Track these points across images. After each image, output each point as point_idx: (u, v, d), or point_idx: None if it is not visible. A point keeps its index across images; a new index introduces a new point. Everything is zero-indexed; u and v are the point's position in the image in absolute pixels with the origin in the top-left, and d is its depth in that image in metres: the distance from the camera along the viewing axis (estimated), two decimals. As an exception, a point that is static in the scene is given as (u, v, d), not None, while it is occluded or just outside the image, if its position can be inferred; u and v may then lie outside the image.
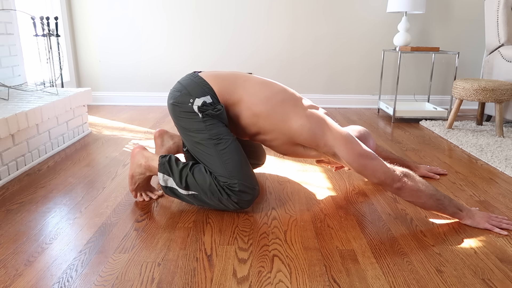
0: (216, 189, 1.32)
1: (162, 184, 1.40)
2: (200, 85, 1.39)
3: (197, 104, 1.36)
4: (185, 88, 1.40)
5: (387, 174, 1.28)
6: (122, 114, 3.02)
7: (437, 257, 1.14)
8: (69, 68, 3.21)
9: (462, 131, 2.55)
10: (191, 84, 1.40)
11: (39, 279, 1.02)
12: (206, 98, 1.37)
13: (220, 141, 1.35)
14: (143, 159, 1.44)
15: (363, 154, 1.31)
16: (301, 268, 1.08)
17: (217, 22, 3.21)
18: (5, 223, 1.31)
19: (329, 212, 1.41)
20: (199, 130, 1.36)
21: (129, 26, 3.22)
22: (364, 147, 1.33)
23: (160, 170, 1.39)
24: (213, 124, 1.36)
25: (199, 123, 1.36)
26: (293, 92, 1.45)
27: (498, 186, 1.67)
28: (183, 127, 1.40)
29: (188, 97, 1.38)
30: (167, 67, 3.31)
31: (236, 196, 1.32)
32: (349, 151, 1.32)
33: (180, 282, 1.01)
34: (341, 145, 1.33)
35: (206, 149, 1.36)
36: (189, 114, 1.37)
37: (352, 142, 1.33)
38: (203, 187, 1.33)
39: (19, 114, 1.72)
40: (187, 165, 1.38)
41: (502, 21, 2.62)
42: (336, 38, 3.24)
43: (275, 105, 1.38)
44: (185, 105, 1.37)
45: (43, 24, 2.55)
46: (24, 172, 1.78)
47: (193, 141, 1.39)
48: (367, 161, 1.30)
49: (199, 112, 1.36)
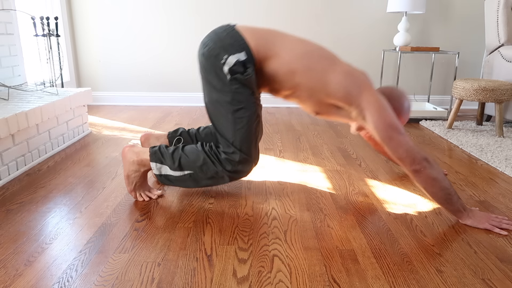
0: (210, 161, 1.34)
1: (156, 173, 1.42)
2: (236, 40, 1.34)
3: (229, 63, 1.31)
4: (220, 41, 1.34)
5: (409, 153, 1.26)
6: (122, 114, 3.02)
7: (437, 257, 1.13)
8: (69, 68, 3.21)
9: (462, 131, 2.55)
10: (227, 38, 1.34)
11: (39, 279, 1.02)
12: (240, 55, 1.32)
13: (240, 109, 1.34)
14: (135, 155, 1.44)
15: (392, 125, 1.28)
16: (301, 268, 1.08)
17: (217, 22, 3.21)
18: (5, 223, 1.31)
19: (329, 212, 1.41)
20: (223, 91, 1.34)
21: (129, 26, 3.22)
22: (396, 120, 1.30)
23: (152, 159, 1.41)
24: (239, 89, 1.34)
25: (225, 84, 1.33)
26: (330, 51, 1.42)
27: (498, 186, 1.66)
28: (208, 81, 1.37)
29: (222, 53, 1.32)
30: (167, 67, 3.31)
31: (232, 166, 1.35)
32: (380, 118, 1.29)
33: (180, 282, 1.01)
34: (374, 110, 1.30)
35: (223, 111, 1.34)
36: (218, 71, 1.34)
37: (385, 110, 1.30)
38: (197, 162, 1.35)
39: (19, 114, 1.72)
40: (178, 148, 1.41)
41: (502, 21, 2.62)
42: (336, 38, 3.24)
43: (313, 61, 1.35)
44: (217, 61, 1.33)
45: (43, 24, 2.55)
46: (24, 172, 1.78)
47: (214, 99, 1.36)
48: (394, 133, 1.28)
49: (229, 73, 1.32)
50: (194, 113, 3.09)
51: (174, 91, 3.37)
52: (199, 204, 1.46)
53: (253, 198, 1.52)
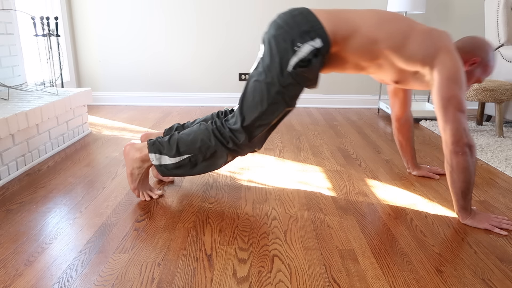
0: (209, 140, 1.37)
1: (156, 163, 1.43)
2: (313, 26, 1.27)
3: (301, 53, 1.26)
4: (297, 26, 1.27)
5: (457, 132, 1.23)
6: (122, 114, 3.02)
7: (437, 257, 1.13)
8: (69, 68, 3.21)
9: (462, 131, 2.55)
10: (303, 23, 1.27)
11: (39, 279, 1.02)
12: (315, 42, 1.26)
13: (278, 103, 1.33)
14: (137, 152, 1.45)
15: (455, 98, 1.24)
16: (301, 268, 1.08)
17: (217, 21, 3.21)
18: (5, 223, 1.31)
19: (329, 212, 1.41)
20: (275, 78, 1.30)
21: (129, 26, 3.22)
22: (462, 93, 1.25)
23: (151, 150, 1.42)
24: (290, 86, 1.30)
25: (282, 74, 1.29)
26: (403, 15, 1.38)
27: (498, 186, 1.66)
28: (268, 62, 1.30)
29: (297, 39, 1.26)
30: (167, 67, 3.31)
31: (233, 144, 1.38)
32: (447, 85, 1.24)
33: (180, 282, 1.01)
34: (444, 75, 1.25)
35: (262, 95, 1.32)
36: (283, 58, 1.28)
37: (455, 79, 1.24)
38: (196, 144, 1.38)
39: (19, 114, 1.72)
40: (173, 134, 1.43)
41: (502, 21, 2.62)
42: (336, 38, 3.24)
43: (392, 25, 1.30)
44: (288, 47, 1.27)
45: (43, 24, 2.55)
46: (24, 172, 1.78)
47: (261, 79, 1.31)
48: (452, 107, 1.24)
49: (293, 66, 1.27)
50: (194, 113, 3.09)
51: (174, 91, 3.37)
52: (199, 204, 1.46)
53: (253, 198, 1.52)
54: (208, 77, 3.34)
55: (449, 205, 1.48)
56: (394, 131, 1.77)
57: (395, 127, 1.74)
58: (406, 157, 1.78)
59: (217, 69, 3.32)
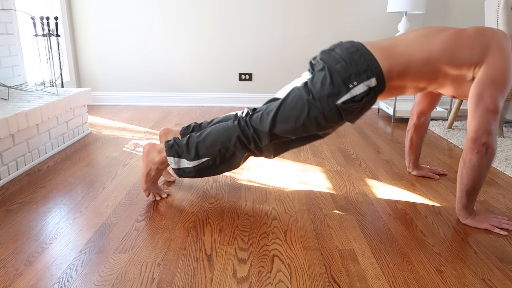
0: (234, 136, 1.37)
1: (175, 167, 1.42)
2: (369, 64, 1.25)
3: (355, 92, 1.25)
4: (355, 64, 1.25)
5: (481, 131, 1.22)
6: (122, 114, 3.02)
7: (437, 257, 1.13)
8: (69, 68, 3.21)
9: (462, 131, 2.55)
10: (360, 62, 1.26)
11: (39, 279, 1.02)
12: (371, 81, 1.25)
13: (312, 126, 1.32)
14: (157, 154, 1.44)
15: (490, 99, 1.21)
16: (301, 268, 1.08)
17: (217, 22, 3.21)
18: (5, 223, 1.31)
19: (329, 212, 1.41)
20: (320, 105, 1.28)
21: (129, 26, 3.22)
22: (499, 99, 1.22)
23: (169, 154, 1.42)
24: (333, 116, 1.29)
25: (329, 104, 1.27)
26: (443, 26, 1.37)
27: (498, 186, 1.67)
28: (315, 85, 1.29)
29: (353, 77, 1.24)
30: (167, 66, 3.31)
31: (255, 146, 1.38)
32: (486, 84, 1.22)
33: (180, 282, 1.01)
34: (488, 74, 1.22)
35: (302, 111, 1.30)
36: (333, 90, 1.26)
37: (500, 80, 1.22)
38: (216, 141, 1.37)
39: (19, 114, 1.72)
40: (191, 136, 1.42)
41: (502, 21, 2.62)
42: (336, 38, 3.24)
43: (439, 38, 1.28)
44: (341, 83, 1.25)
45: (43, 24, 2.55)
46: (24, 172, 1.78)
47: (306, 97, 1.29)
48: (484, 106, 1.21)
49: (342, 102, 1.26)
50: (194, 113, 3.09)
51: (174, 91, 3.37)
52: (199, 204, 1.46)
53: (253, 198, 1.52)
54: (208, 77, 3.34)
55: (449, 205, 1.48)
56: (410, 128, 1.72)
57: (413, 123, 1.69)
58: (411, 156, 1.76)
59: (217, 69, 3.32)
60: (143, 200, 1.49)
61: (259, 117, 1.37)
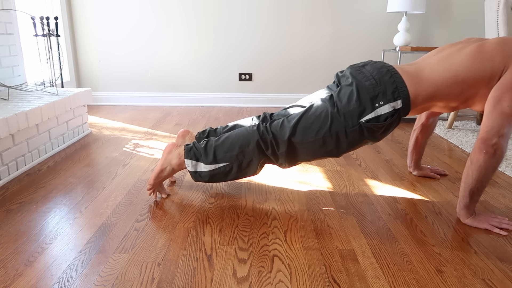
0: (253, 141, 1.35)
1: (191, 170, 1.43)
2: (397, 87, 1.27)
3: (380, 112, 1.26)
4: (384, 84, 1.27)
5: (491, 131, 1.21)
6: (122, 114, 3.02)
7: (437, 257, 1.14)
8: (69, 68, 3.21)
9: (462, 131, 2.55)
10: (389, 82, 1.27)
11: (39, 279, 1.02)
12: (396, 103, 1.26)
13: (332, 141, 1.31)
14: (177, 157, 1.45)
15: (508, 103, 1.21)
16: (301, 268, 1.08)
17: (217, 22, 3.21)
18: (5, 223, 1.31)
19: (329, 212, 1.41)
20: (344, 120, 1.29)
21: (129, 26, 3.22)
22: None
23: (187, 156, 1.42)
24: (355, 133, 1.29)
25: (352, 120, 1.28)
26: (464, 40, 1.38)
27: (498, 186, 1.66)
28: (342, 98, 1.29)
29: (380, 96, 1.26)
30: (167, 66, 3.31)
31: (272, 152, 1.36)
32: (507, 88, 1.21)
33: (180, 282, 1.01)
34: (511, 79, 1.22)
35: (324, 124, 1.30)
36: (359, 107, 1.27)
37: None
38: (234, 145, 1.36)
39: (19, 114, 1.72)
40: (209, 140, 1.42)
41: (502, 21, 2.62)
42: (336, 38, 3.24)
43: (463, 53, 1.29)
44: (368, 102, 1.26)
45: (43, 24, 2.55)
46: (24, 172, 1.78)
47: (331, 110, 1.30)
48: (500, 109, 1.20)
49: (366, 120, 1.27)
50: (194, 113, 3.09)
51: (174, 91, 3.37)
52: (199, 204, 1.46)
53: (253, 198, 1.52)
54: (208, 77, 3.34)
55: (449, 205, 1.48)
56: (416, 127, 1.71)
57: (421, 123, 1.69)
58: (414, 155, 1.76)
59: (217, 69, 3.32)
60: (143, 200, 1.50)
61: (280, 123, 1.36)
